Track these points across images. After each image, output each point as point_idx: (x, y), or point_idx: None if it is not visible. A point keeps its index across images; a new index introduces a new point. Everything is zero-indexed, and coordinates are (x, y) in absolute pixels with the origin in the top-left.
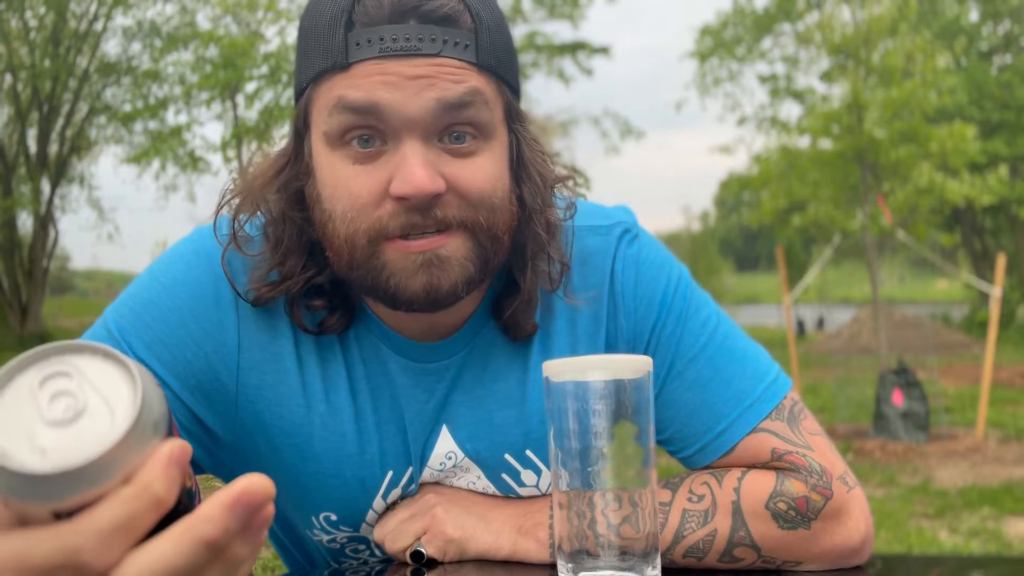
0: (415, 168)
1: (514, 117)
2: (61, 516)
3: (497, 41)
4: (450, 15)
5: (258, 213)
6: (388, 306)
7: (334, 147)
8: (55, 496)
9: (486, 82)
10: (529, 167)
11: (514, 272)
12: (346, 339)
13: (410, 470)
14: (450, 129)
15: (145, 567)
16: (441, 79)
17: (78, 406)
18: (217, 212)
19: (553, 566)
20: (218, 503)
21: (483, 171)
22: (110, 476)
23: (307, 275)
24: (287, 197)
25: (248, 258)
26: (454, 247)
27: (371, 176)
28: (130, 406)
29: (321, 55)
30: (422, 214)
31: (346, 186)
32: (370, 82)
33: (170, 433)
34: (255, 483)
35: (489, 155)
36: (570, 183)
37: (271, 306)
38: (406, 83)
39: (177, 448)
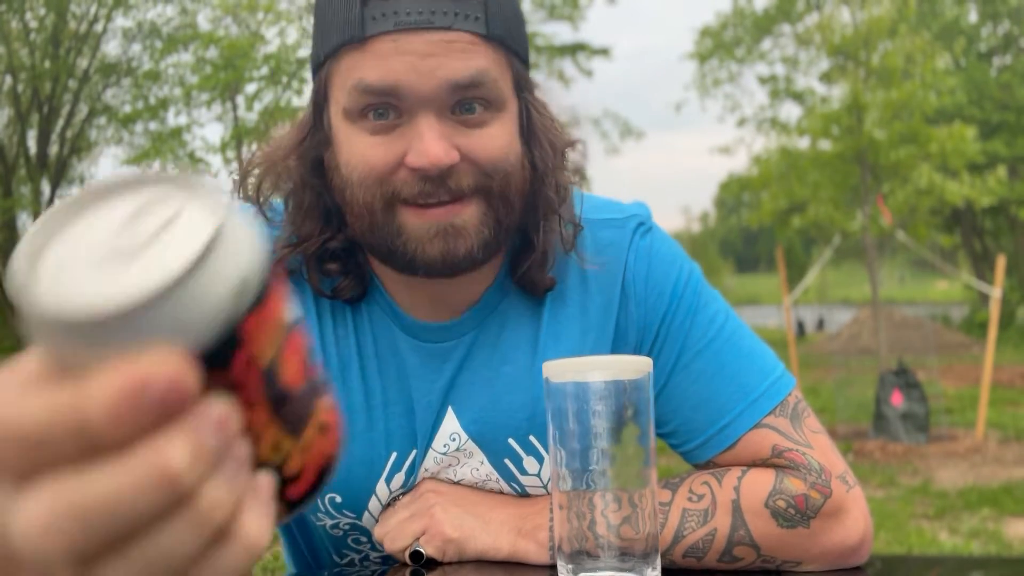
0: (431, 142)
1: (522, 86)
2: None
3: (506, 10)
4: None
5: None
6: (406, 272)
7: (353, 120)
8: (99, 342)
9: (495, 54)
10: (538, 132)
11: (529, 232)
12: (359, 317)
13: (414, 453)
14: (461, 103)
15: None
16: (452, 57)
17: (151, 243)
18: (241, 180)
19: (553, 567)
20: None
21: (494, 140)
22: (158, 332)
23: (324, 237)
24: (307, 164)
25: (273, 228)
26: (468, 215)
27: (388, 147)
28: (194, 249)
29: (338, 29)
30: (435, 184)
31: (363, 155)
32: (387, 62)
33: (266, 302)
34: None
35: (500, 124)
36: (578, 147)
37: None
38: (420, 62)
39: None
